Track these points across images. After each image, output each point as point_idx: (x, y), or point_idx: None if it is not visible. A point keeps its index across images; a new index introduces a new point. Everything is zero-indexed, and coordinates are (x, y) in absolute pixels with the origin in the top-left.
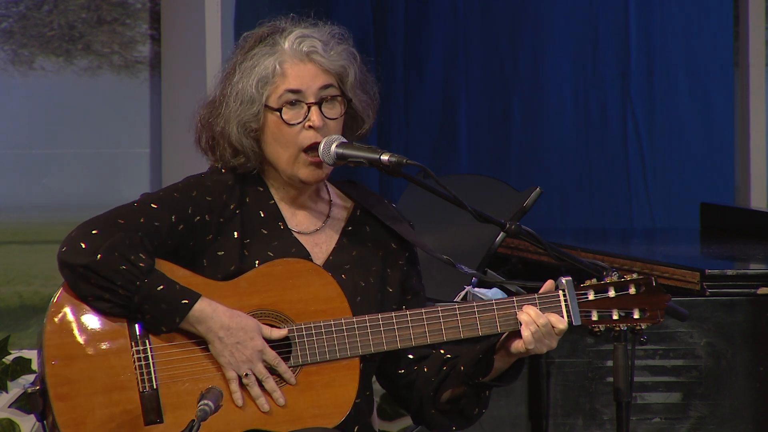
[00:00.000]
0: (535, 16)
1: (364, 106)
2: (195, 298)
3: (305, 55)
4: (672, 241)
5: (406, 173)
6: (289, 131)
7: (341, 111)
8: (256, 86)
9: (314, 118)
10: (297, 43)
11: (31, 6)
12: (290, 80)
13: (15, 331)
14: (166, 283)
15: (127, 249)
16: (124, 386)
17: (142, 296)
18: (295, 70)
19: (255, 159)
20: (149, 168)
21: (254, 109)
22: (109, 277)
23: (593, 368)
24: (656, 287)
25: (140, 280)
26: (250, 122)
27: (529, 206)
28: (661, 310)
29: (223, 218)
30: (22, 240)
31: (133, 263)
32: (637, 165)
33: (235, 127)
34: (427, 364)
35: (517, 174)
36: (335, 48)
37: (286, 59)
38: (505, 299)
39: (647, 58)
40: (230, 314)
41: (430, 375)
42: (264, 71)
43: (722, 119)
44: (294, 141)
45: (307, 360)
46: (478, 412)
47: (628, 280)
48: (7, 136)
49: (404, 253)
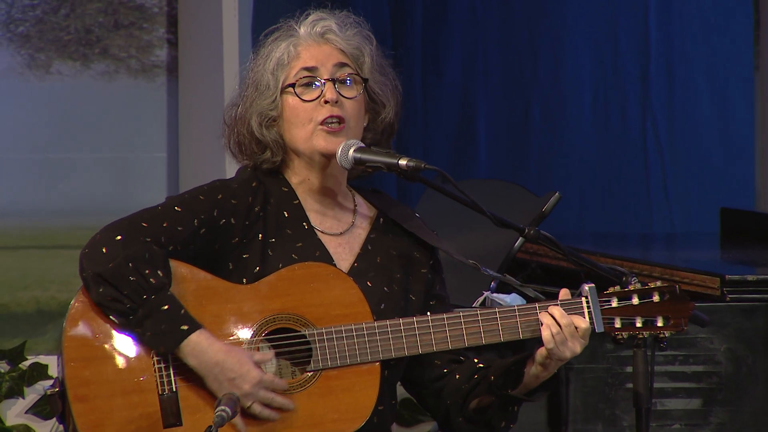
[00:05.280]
0: (555, 19)
1: (383, 88)
2: (195, 327)
3: (320, 36)
4: (692, 246)
5: (424, 178)
6: (304, 108)
7: (358, 92)
8: (272, 71)
9: (329, 93)
10: (311, 26)
11: (48, 10)
12: (305, 59)
13: (32, 336)
14: (171, 304)
15: (143, 262)
16: (143, 389)
17: (146, 311)
18: (310, 51)
19: (279, 151)
20: (166, 172)
21: (271, 96)
22: (118, 286)
23: (613, 374)
24: (680, 295)
25: (147, 295)
26: (269, 110)
27: (548, 211)
28: (685, 318)
29: (248, 221)
30: (39, 245)
31: (144, 277)
32: (657, 169)
33: (256, 118)
34: (459, 371)
35: (536, 178)
36: (351, 29)
37: (300, 42)
38: (527, 305)
39: (667, 61)
40: (226, 350)
41: (461, 383)
42: (279, 55)
43: (742, 123)
44: (310, 117)
45: (328, 364)
46: (505, 426)
47: (652, 287)
48: (24, 141)
49: (428, 261)
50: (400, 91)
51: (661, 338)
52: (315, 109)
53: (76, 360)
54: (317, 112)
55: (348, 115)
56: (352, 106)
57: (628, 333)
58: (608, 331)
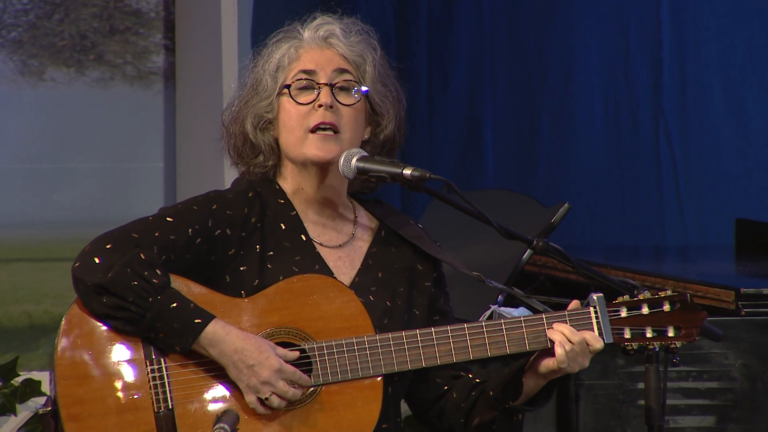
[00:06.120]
0: (564, 24)
1: (383, 100)
2: (208, 318)
3: (322, 40)
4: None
5: (429, 188)
6: (298, 111)
7: (356, 99)
8: (272, 73)
9: (324, 97)
10: (315, 30)
11: (41, 15)
12: (304, 62)
13: (24, 352)
14: (180, 301)
15: (140, 265)
16: (138, 406)
17: (155, 313)
18: (311, 54)
19: (272, 156)
20: (163, 183)
21: (268, 97)
22: (122, 294)
23: (624, 390)
24: (691, 304)
25: (153, 297)
26: (264, 113)
27: (558, 222)
28: (697, 328)
29: (245, 232)
30: (31, 258)
31: (146, 279)
32: (670, 179)
33: (251, 120)
34: (456, 389)
35: (545, 189)
36: (355, 36)
37: (303, 45)
38: (534, 316)
39: (680, 68)
40: (244, 336)
41: (459, 401)
42: (279, 56)
43: (759, 132)
44: (302, 122)
45: (329, 379)
46: None
47: (662, 296)
48: (16, 150)
49: (431, 274)
50: (403, 104)
51: (673, 350)
52: (309, 113)
53: (68, 378)
54: (310, 116)
55: (342, 123)
56: (348, 113)
57: (638, 344)
58: (617, 342)
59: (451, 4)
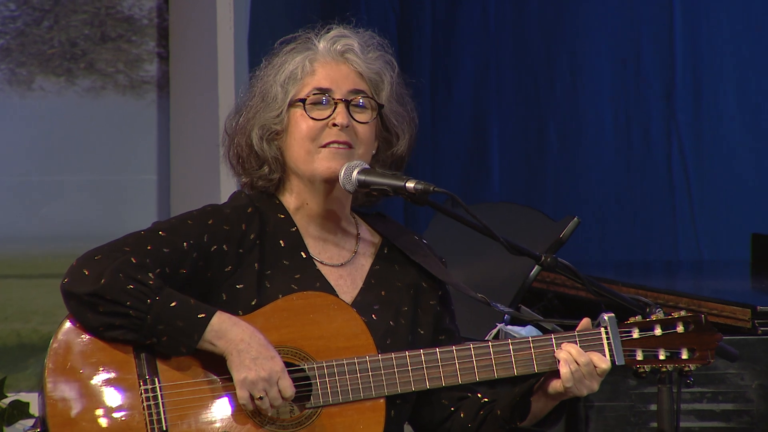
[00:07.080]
0: (572, 31)
1: (399, 119)
2: (212, 311)
3: (339, 54)
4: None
5: (433, 202)
6: (310, 126)
7: (371, 117)
8: (283, 84)
9: (339, 117)
10: (332, 42)
11: (29, 22)
12: (319, 78)
13: (12, 372)
14: (179, 299)
15: (133, 269)
16: (131, 428)
17: (155, 315)
18: (327, 69)
19: (277, 168)
20: (157, 196)
21: (277, 108)
22: (118, 300)
23: (636, 412)
24: (706, 325)
25: (151, 298)
26: (273, 124)
27: (566, 237)
28: (712, 351)
29: (242, 249)
30: (20, 274)
31: (141, 282)
32: (683, 193)
33: (257, 131)
34: (463, 409)
35: (553, 202)
36: (373, 52)
37: (318, 57)
38: (542, 336)
39: (694, 77)
40: (251, 330)
41: (467, 421)
42: (293, 68)
43: None
44: (315, 138)
45: (329, 401)
46: None
47: (675, 317)
48: (3, 162)
49: (436, 292)
50: (416, 123)
51: (686, 372)
52: (322, 129)
53: (57, 398)
54: (324, 133)
55: (357, 141)
56: (363, 130)
57: (650, 366)
58: (629, 364)
59: (455, 10)
